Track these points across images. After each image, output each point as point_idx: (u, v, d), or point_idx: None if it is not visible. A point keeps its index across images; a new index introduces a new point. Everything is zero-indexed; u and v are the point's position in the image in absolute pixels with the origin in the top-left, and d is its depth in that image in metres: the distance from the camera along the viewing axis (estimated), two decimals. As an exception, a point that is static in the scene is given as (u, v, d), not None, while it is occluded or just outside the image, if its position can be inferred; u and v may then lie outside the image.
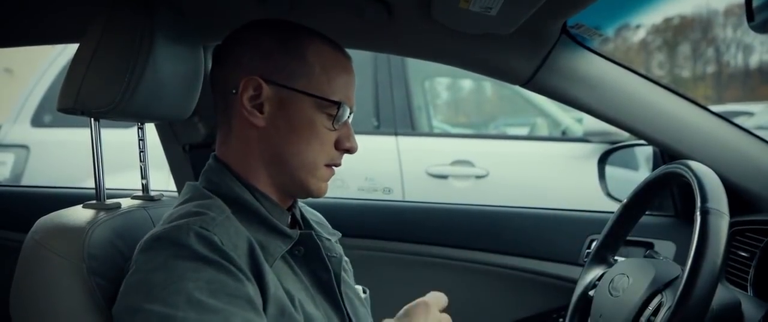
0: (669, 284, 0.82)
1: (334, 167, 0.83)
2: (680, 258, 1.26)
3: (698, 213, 0.76)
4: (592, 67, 1.13)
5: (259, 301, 0.68)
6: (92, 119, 0.86)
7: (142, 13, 0.84)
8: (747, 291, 1.05)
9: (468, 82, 5.50)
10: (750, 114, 7.54)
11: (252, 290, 0.68)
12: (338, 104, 0.79)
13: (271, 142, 0.79)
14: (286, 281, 0.76)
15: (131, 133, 1.04)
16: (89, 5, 1.00)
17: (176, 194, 1.37)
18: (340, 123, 0.81)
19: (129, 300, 0.66)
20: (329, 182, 0.85)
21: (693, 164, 0.84)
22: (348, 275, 0.92)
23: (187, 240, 0.66)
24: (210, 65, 1.24)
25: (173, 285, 0.63)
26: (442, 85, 5.22)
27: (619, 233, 1.03)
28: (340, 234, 0.98)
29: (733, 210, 1.16)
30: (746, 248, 1.10)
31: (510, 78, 1.15)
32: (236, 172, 0.81)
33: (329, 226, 0.98)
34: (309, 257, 0.83)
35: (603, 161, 1.51)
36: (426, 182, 2.41)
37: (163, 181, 1.87)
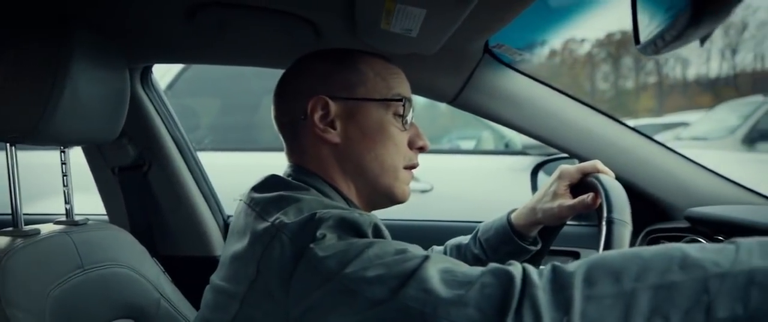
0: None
1: (412, 171, 0.86)
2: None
3: (604, 223, 0.80)
4: (514, 84, 1.17)
5: None
6: (9, 144, 0.84)
7: (58, 36, 0.83)
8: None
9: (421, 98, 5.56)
10: (686, 124, 7.92)
11: None
12: (401, 100, 0.82)
13: (349, 155, 0.81)
14: None
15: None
16: (2, 28, 0.98)
17: (105, 217, 1.35)
18: (405, 120, 0.83)
19: (347, 260, 0.60)
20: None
21: (602, 176, 0.89)
22: None
23: (367, 229, 0.65)
24: (138, 86, 1.25)
25: (378, 242, 0.62)
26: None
27: (544, 243, 1.06)
28: None
29: (651, 219, 1.24)
30: (661, 254, 1.16)
31: (437, 96, 1.19)
32: (329, 181, 0.81)
33: None
34: None
35: (535, 173, 1.56)
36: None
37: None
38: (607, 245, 0.78)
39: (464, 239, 1.08)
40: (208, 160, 2.30)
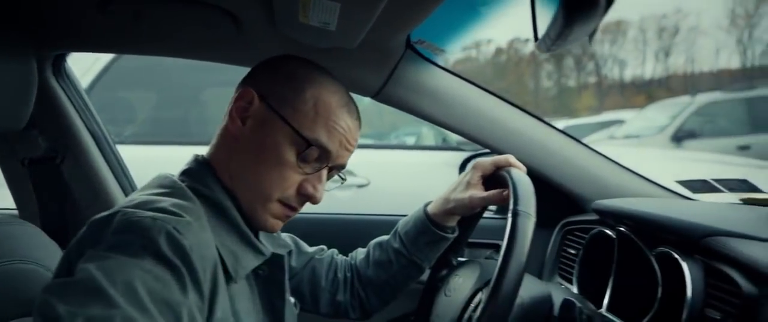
0: (489, 281, 0.89)
1: (289, 211, 0.81)
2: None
3: (510, 215, 0.83)
4: (436, 81, 1.20)
5: (197, 318, 0.66)
6: None
7: None
8: (572, 284, 1.15)
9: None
10: (621, 122, 8.29)
11: (196, 306, 0.66)
12: (309, 144, 0.78)
13: (239, 156, 0.80)
14: (240, 303, 0.75)
15: None
16: None
17: (15, 211, 1.29)
18: (308, 165, 0.79)
19: (84, 260, 0.63)
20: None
21: (513, 170, 0.92)
22: (287, 290, 0.93)
23: (157, 236, 0.64)
24: (49, 76, 1.20)
25: (124, 267, 0.61)
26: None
27: (461, 235, 1.09)
28: (290, 247, 0.99)
29: (567, 212, 1.29)
30: (574, 246, 1.21)
31: (361, 90, 1.20)
32: (220, 176, 0.80)
33: (281, 237, 0.97)
34: (270, 280, 0.83)
35: (463, 167, 1.61)
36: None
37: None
38: (511, 236, 0.80)
39: (386, 237, 1.09)
40: (143, 153, 2.24)
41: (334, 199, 2.41)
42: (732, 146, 5.94)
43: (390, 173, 2.54)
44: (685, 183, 1.31)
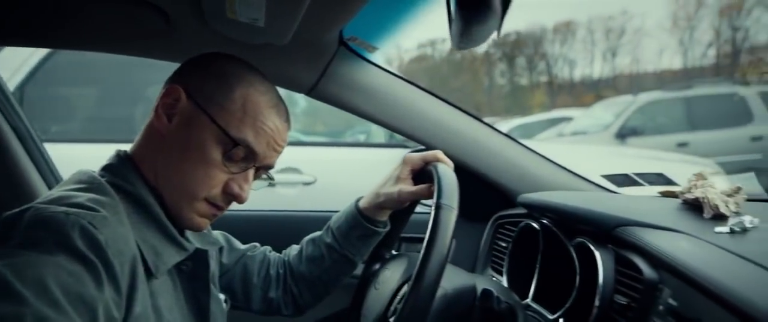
0: (415, 274, 0.91)
1: (216, 210, 0.81)
2: (457, 250, 1.38)
3: (434, 207, 0.85)
4: (370, 77, 1.21)
5: (114, 314, 0.64)
6: None
7: None
8: (503, 276, 1.19)
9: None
10: (570, 119, 8.56)
11: (112, 301, 0.64)
12: (235, 143, 0.77)
13: (165, 154, 0.79)
14: (161, 298, 0.75)
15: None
16: None
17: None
18: (234, 165, 0.79)
19: None
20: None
21: (440, 165, 0.94)
22: (216, 287, 0.92)
23: (71, 232, 0.63)
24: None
25: (36, 264, 0.60)
26: (299, 94, 5.24)
27: (393, 230, 1.10)
28: (221, 244, 0.99)
29: (500, 206, 1.33)
30: (505, 239, 1.25)
31: (294, 86, 1.20)
32: (145, 172, 0.79)
33: (211, 234, 0.96)
34: (195, 275, 0.82)
35: (403, 164, 1.62)
36: (251, 192, 2.39)
37: None
38: (434, 228, 0.82)
39: (319, 233, 1.10)
40: (84, 152, 2.16)
41: (279, 196, 2.41)
42: (672, 143, 6.22)
43: (337, 171, 2.55)
44: (609, 177, 1.37)
